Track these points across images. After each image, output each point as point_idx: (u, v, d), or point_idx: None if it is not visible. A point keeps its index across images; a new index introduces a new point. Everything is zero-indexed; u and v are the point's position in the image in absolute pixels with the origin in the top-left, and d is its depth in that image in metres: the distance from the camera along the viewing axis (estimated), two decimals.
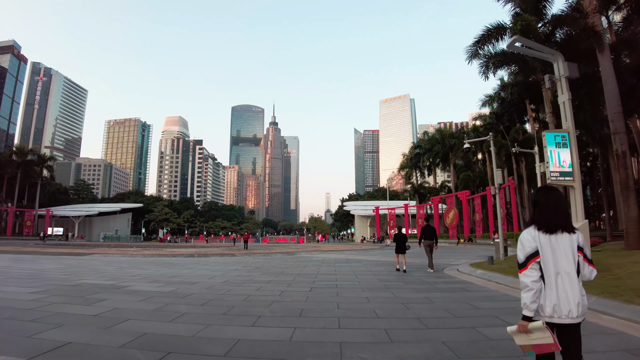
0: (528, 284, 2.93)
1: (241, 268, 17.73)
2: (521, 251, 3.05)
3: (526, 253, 3.01)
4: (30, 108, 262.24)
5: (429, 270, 16.04)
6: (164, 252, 32.21)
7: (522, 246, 3.05)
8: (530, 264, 2.97)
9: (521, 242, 3.07)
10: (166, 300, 9.10)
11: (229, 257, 26.50)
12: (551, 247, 2.99)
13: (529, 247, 3.01)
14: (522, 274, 3.00)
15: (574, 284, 2.92)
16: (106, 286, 11.31)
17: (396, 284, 12.23)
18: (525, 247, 3.03)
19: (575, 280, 2.94)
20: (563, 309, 2.88)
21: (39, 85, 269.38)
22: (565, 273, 2.94)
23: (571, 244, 2.99)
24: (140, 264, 20.20)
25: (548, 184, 10.79)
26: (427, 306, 8.58)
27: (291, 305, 8.52)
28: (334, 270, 16.60)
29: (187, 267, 18.07)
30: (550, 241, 3.00)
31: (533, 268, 2.96)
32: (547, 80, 13.25)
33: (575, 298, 2.89)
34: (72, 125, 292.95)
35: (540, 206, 3.12)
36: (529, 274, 2.96)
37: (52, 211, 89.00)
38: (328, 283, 12.47)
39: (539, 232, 3.03)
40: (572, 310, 2.88)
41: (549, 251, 2.98)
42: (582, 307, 2.91)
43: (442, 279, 13.70)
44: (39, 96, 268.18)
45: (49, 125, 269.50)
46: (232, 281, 12.83)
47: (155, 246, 55.03)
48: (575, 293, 2.90)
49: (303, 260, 22.84)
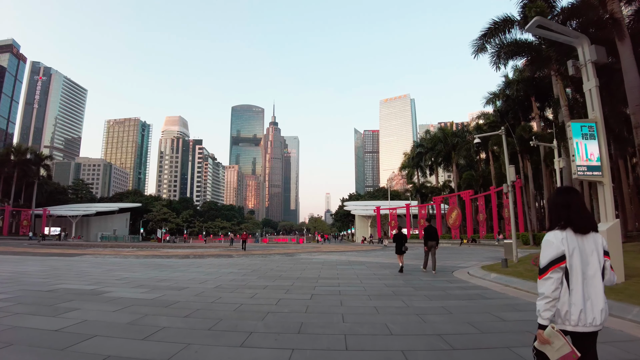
0: (546, 291, 2.76)
1: (237, 271, 16.56)
2: (545, 255, 2.85)
3: (550, 257, 2.81)
4: (30, 107, 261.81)
5: (423, 270, 15.97)
6: (159, 253, 31.03)
7: (547, 249, 2.85)
8: (551, 270, 2.78)
9: (546, 245, 2.87)
10: (146, 310, 7.96)
11: (225, 258, 25.33)
12: (580, 250, 2.83)
13: (555, 251, 2.81)
14: (541, 279, 2.82)
15: (599, 290, 2.79)
16: (84, 292, 10.19)
17: (405, 290, 11.10)
18: (551, 251, 2.83)
19: (601, 286, 2.81)
20: (588, 317, 2.73)
21: (38, 84, 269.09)
22: (592, 278, 2.80)
23: (597, 247, 2.87)
24: (131, 265, 19.06)
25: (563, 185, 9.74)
26: (446, 318, 7.44)
27: (289, 318, 7.38)
28: (336, 274, 15.43)
29: (179, 270, 16.93)
30: (580, 243, 2.85)
31: (555, 273, 2.78)
32: (571, 67, 12.08)
33: (600, 304, 2.76)
34: (71, 125, 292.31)
35: (574, 207, 2.95)
36: (549, 280, 2.78)
37: (49, 211, 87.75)
38: (330, 289, 11.32)
39: (569, 234, 2.86)
40: (597, 317, 2.74)
41: (578, 255, 2.82)
42: (605, 313, 2.77)
43: (455, 284, 12.56)
44: (38, 95, 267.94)
45: (49, 125, 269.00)
46: (224, 286, 11.69)
47: (152, 246, 53.84)
48: (599, 299, 2.76)
49: (303, 262, 21.67)
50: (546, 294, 2.76)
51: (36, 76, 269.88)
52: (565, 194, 3.05)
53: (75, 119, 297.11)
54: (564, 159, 15.99)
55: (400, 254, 15.91)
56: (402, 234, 16.33)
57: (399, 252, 15.95)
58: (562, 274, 2.79)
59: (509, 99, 47.74)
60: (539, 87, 43.31)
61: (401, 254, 15.91)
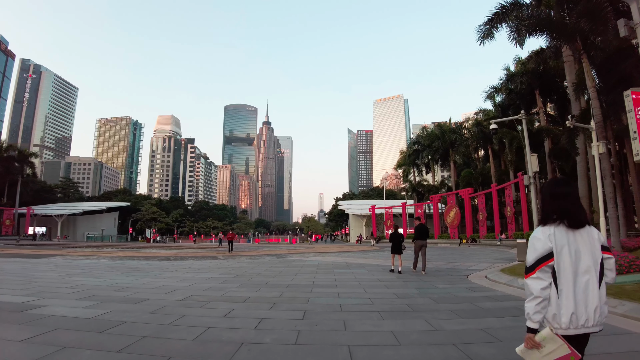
0: (534, 291, 2.57)
1: (217, 276, 14.15)
2: (532, 253, 2.66)
3: (537, 255, 2.62)
4: (19, 105, 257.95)
5: (413, 271, 15.26)
6: (139, 254, 28.53)
7: (534, 247, 2.66)
8: (539, 269, 2.59)
9: (532, 242, 2.69)
10: (68, 338, 5.57)
11: (209, 260, 22.85)
12: (573, 245, 2.62)
13: (542, 249, 2.62)
14: (528, 278, 2.63)
15: (594, 288, 2.58)
16: (10, 307, 7.85)
17: (423, 303, 8.78)
18: (537, 248, 2.64)
19: (596, 284, 2.60)
20: (580, 318, 2.53)
21: (28, 82, 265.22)
22: (585, 275, 2.59)
23: (592, 241, 2.67)
24: (97, 269, 16.61)
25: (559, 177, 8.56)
26: (497, 350, 5.14)
27: (271, 354, 5.04)
28: (334, 280, 13.04)
29: (150, 275, 14.52)
30: (571, 239, 2.64)
31: (543, 272, 2.58)
32: (622, 27, 9.87)
33: (594, 303, 2.55)
34: (62, 124, 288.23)
35: (572, 198, 2.74)
36: (537, 279, 2.58)
37: (33, 210, 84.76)
38: (328, 302, 8.96)
39: (559, 230, 2.65)
40: (590, 318, 2.54)
41: (568, 251, 2.60)
42: (599, 314, 2.57)
43: (479, 292, 10.27)
44: (28, 93, 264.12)
45: (39, 123, 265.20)
46: (195, 298, 9.30)
47: (137, 247, 51.23)
48: (594, 298, 2.56)
49: (295, 265, 19.26)
50: (535, 293, 2.56)
51: (26, 74, 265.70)
52: (566, 185, 2.85)
53: (66, 118, 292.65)
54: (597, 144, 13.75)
55: (396, 253, 15.29)
56: (398, 233, 15.67)
57: (394, 252, 15.37)
58: (550, 272, 2.58)
59: (511, 92, 45.65)
60: (544, 79, 41.31)
61: (398, 254, 15.24)
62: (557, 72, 38.36)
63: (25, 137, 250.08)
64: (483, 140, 56.46)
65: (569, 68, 24.79)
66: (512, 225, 44.68)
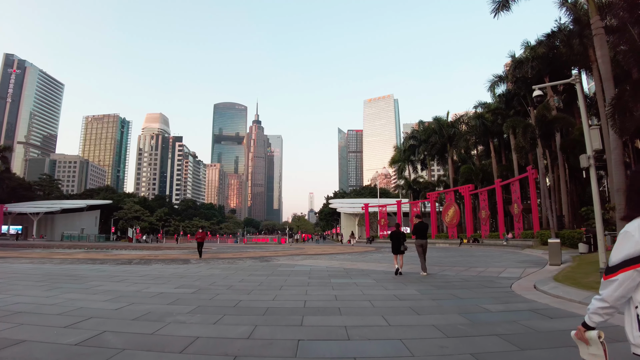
0: (607, 296, 2.06)
1: (170, 292, 10.19)
2: (619, 251, 2.06)
3: (625, 255, 2.01)
4: (3, 102, 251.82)
5: (422, 274, 13.96)
6: (101, 256, 24.48)
7: (624, 244, 2.04)
8: (623, 272, 2.00)
9: (624, 238, 2.05)
10: None
11: (177, 265, 18.84)
12: None
13: (634, 248, 1.98)
14: (606, 280, 2.08)
15: None
16: None
17: (493, 346, 5.07)
18: (628, 247, 2.02)
19: None
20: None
21: (12, 77, 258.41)
22: None
23: None
24: (18, 279, 12.69)
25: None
26: None
27: None
28: (334, 299, 9.23)
29: (82, 287, 10.65)
30: None
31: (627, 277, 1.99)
32: None
33: None
34: (47, 121, 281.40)
35: None
36: (615, 283, 2.02)
37: (6, 207, 79.93)
38: (333, 349, 5.22)
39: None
40: None
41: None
42: None
43: (557, 321, 6.55)
44: (12, 89, 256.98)
45: (23, 120, 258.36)
46: (100, 341, 5.50)
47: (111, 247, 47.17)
48: None
49: (280, 273, 15.29)
50: (606, 299, 2.07)
51: (10, 69, 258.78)
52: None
53: (51, 115, 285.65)
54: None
55: (398, 254, 14.27)
56: (400, 231, 14.66)
57: (395, 252, 14.37)
58: (638, 280, 1.99)
59: (517, 81, 42.18)
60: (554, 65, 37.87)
61: (400, 254, 14.24)
62: (570, 56, 34.87)
63: (9, 134, 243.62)
64: (484, 134, 53.08)
65: (599, 41, 21.35)
66: (519, 224, 41.12)
